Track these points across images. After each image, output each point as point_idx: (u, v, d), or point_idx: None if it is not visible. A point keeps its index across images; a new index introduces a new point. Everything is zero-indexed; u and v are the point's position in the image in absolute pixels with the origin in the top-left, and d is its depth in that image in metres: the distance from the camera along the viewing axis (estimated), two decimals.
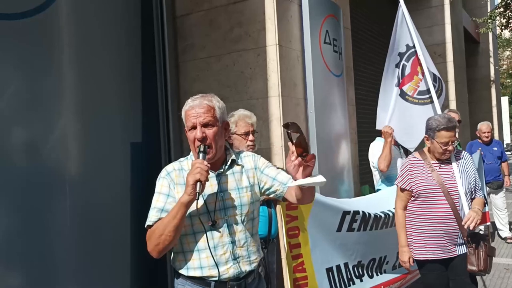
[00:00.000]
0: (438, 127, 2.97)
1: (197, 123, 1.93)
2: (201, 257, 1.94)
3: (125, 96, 3.58)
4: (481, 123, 6.61)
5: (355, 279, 3.39)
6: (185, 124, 1.99)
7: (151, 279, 3.67)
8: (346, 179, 4.40)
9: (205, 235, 1.92)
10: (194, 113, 1.94)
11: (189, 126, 1.95)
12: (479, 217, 2.88)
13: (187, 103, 2.00)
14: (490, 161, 6.27)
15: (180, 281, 2.02)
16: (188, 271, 1.96)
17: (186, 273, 1.97)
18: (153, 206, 1.94)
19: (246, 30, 3.77)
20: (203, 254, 1.94)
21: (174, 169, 2.00)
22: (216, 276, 1.93)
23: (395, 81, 4.40)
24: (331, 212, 3.20)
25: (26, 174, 2.87)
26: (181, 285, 2.01)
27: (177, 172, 1.99)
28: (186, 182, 1.82)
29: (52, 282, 2.98)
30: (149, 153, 3.72)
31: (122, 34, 3.60)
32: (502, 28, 12.10)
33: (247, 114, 2.98)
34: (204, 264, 1.94)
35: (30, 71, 2.93)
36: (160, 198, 1.94)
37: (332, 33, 4.23)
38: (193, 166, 1.82)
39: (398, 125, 4.33)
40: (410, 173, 3.08)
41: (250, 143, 2.90)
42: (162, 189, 1.96)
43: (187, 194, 1.81)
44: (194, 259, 1.95)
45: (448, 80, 8.40)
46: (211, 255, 1.92)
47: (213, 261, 1.92)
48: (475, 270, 2.94)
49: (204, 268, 1.94)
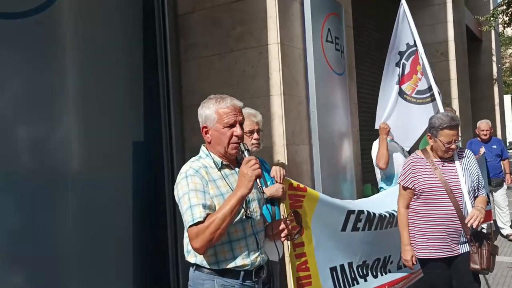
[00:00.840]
0: (441, 126, 2.96)
1: (237, 121, 2.06)
2: (234, 248, 2.03)
3: (127, 95, 3.59)
4: (480, 121, 6.61)
5: (359, 279, 3.37)
6: (216, 121, 2.05)
7: (153, 277, 3.68)
8: (348, 177, 4.40)
9: (240, 226, 2.03)
10: (235, 112, 2.06)
11: (228, 123, 2.04)
12: (482, 215, 2.88)
13: (222, 101, 2.07)
14: (489, 159, 6.27)
15: (206, 277, 2.03)
16: (219, 265, 2.01)
17: (218, 267, 2.01)
18: (195, 203, 1.93)
19: (248, 28, 3.76)
20: (236, 245, 2.03)
21: (200, 166, 2.04)
22: (249, 265, 2.04)
23: (396, 79, 4.40)
24: (335, 211, 3.19)
25: (28, 173, 2.88)
26: (208, 280, 2.02)
27: (205, 170, 2.03)
28: (245, 177, 1.91)
29: (54, 280, 2.99)
30: (151, 151, 3.73)
31: (124, 33, 3.61)
32: (504, 26, 12.07)
33: (252, 112, 3.00)
34: (237, 254, 2.03)
35: (32, 70, 2.94)
36: (198, 195, 1.95)
37: (334, 32, 4.22)
38: (249, 163, 1.93)
39: (395, 123, 4.34)
40: (413, 171, 3.07)
41: (254, 142, 2.91)
42: (197, 186, 1.97)
43: (247, 188, 1.91)
44: (226, 251, 2.02)
45: (451, 78, 8.38)
46: (245, 244, 2.04)
47: (246, 250, 2.04)
48: (478, 269, 2.94)
49: (238, 258, 2.02)
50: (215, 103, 2.06)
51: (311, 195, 3.00)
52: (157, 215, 3.73)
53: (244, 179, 1.91)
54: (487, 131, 6.40)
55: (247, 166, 1.92)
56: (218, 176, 2.05)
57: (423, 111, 4.34)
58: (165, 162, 3.79)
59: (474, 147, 6.21)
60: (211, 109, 2.06)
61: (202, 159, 2.09)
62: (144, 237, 3.58)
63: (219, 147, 2.07)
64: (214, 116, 2.05)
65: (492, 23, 11.09)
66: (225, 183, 2.05)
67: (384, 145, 4.17)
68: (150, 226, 3.67)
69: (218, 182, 2.03)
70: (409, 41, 4.31)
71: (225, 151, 2.06)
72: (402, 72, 4.35)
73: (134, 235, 3.48)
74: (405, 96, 4.37)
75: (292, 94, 3.76)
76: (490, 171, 6.28)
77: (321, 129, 3.94)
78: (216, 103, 2.06)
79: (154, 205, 3.72)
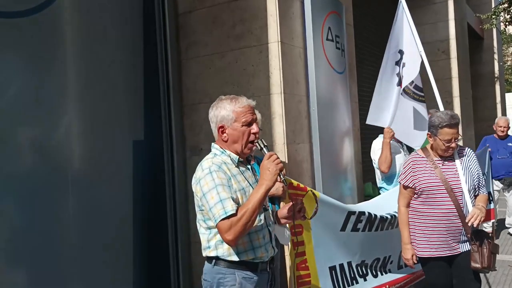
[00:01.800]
0: (441, 124, 2.96)
1: (254, 119, 2.17)
2: (253, 240, 2.12)
3: (127, 94, 3.59)
4: (499, 117, 6.57)
5: (358, 278, 3.38)
6: (233, 120, 2.14)
7: (154, 277, 3.68)
8: (349, 176, 4.39)
9: (258, 218, 2.10)
10: (251, 111, 2.17)
11: (246, 122, 2.14)
12: (483, 214, 2.87)
13: (237, 101, 2.16)
14: (502, 156, 6.21)
15: (226, 270, 2.11)
16: (239, 256, 2.09)
17: (237, 258, 2.09)
18: (225, 197, 2.00)
19: (248, 27, 3.76)
20: (254, 237, 2.12)
21: (221, 163, 2.11)
22: (266, 256, 2.15)
23: (396, 80, 4.36)
24: (335, 212, 3.20)
25: (27, 173, 2.88)
26: (230, 274, 2.10)
27: (226, 166, 2.11)
28: (268, 171, 2.00)
29: (54, 279, 2.99)
30: (151, 150, 3.73)
31: (124, 32, 3.60)
32: (506, 24, 12.02)
33: None
34: (256, 246, 2.13)
35: (31, 69, 2.94)
36: (225, 189, 2.02)
37: (334, 30, 4.21)
38: (271, 158, 2.03)
39: (402, 126, 4.31)
40: (413, 170, 3.07)
41: None
42: (222, 181, 2.04)
43: (271, 182, 2.01)
44: (246, 242, 2.10)
45: (452, 77, 8.36)
46: (262, 235, 2.15)
47: (263, 241, 2.15)
48: (479, 267, 2.94)
49: (257, 249, 2.13)
50: (231, 103, 2.15)
51: (311, 195, 3.01)
52: (157, 214, 3.74)
53: (268, 172, 2.01)
54: (505, 127, 6.33)
55: (270, 160, 2.02)
56: (236, 172, 2.14)
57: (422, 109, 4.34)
58: (165, 160, 3.79)
59: (488, 144, 6.03)
60: (227, 109, 2.14)
61: (218, 156, 2.16)
62: (144, 236, 3.58)
63: (237, 145, 2.15)
64: (231, 115, 2.13)
65: (494, 21, 11.05)
66: (243, 178, 2.15)
67: (387, 149, 4.14)
68: (150, 225, 3.67)
69: (237, 177, 2.12)
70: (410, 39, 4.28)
71: (242, 148, 2.15)
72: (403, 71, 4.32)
73: (134, 234, 3.49)
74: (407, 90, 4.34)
75: (292, 93, 3.75)
76: (504, 169, 6.19)
77: (321, 128, 3.93)
78: (232, 103, 2.15)
79: (154, 204, 3.73)
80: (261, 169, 2.04)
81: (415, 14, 4.29)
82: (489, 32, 13.13)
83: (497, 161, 6.10)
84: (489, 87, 13.71)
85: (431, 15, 8.49)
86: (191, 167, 3.81)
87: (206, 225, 2.12)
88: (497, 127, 6.41)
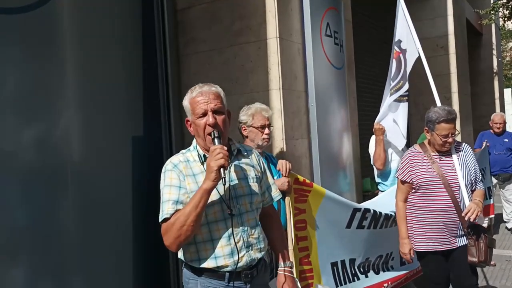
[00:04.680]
0: (438, 119, 2.98)
1: (208, 109, 1.92)
2: (216, 247, 1.92)
3: (126, 91, 3.59)
4: (495, 114, 6.60)
5: (360, 275, 3.39)
6: (191, 112, 1.97)
7: (153, 275, 3.69)
8: (348, 171, 4.41)
9: (222, 224, 1.93)
10: (205, 99, 1.93)
11: (199, 113, 1.93)
12: (480, 208, 2.90)
13: (193, 90, 1.98)
14: (499, 151, 6.23)
15: (190, 275, 1.99)
16: (200, 263, 1.93)
17: (198, 265, 1.94)
18: (167, 199, 1.89)
19: (247, 23, 3.77)
20: (217, 244, 1.92)
21: (180, 161, 1.97)
22: (231, 265, 1.92)
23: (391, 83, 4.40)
24: (341, 209, 3.20)
25: (25, 170, 2.88)
26: (193, 279, 1.97)
27: (184, 164, 1.96)
28: (208, 168, 1.80)
29: (53, 276, 3.01)
30: (150, 146, 3.73)
31: (123, 28, 3.60)
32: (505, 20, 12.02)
33: (264, 107, 3.05)
34: (219, 254, 1.92)
35: (30, 65, 2.94)
36: (172, 190, 1.89)
37: (333, 26, 4.22)
38: (213, 152, 1.81)
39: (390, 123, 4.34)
40: (411, 165, 3.09)
41: (265, 136, 2.96)
42: (172, 181, 1.91)
43: (210, 181, 1.80)
44: (208, 249, 1.92)
45: (451, 73, 8.36)
46: (228, 243, 1.92)
47: (229, 250, 1.92)
48: (476, 262, 2.96)
49: (219, 258, 1.92)
50: (189, 93, 1.99)
51: (317, 191, 3.02)
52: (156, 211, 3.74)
53: (208, 171, 1.81)
54: (501, 124, 6.35)
55: (211, 156, 1.81)
56: (199, 170, 1.95)
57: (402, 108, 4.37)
58: (164, 156, 3.79)
59: (485, 139, 6.07)
60: (186, 100, 1.99)
61: (190, 152, 2.02)
62: (143, 233, 3.59)
63: (199, 139, 1.99)
64: (189, 107, 1.97)
65: (493, 16, 11.04)
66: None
67: (380, 146, 4.19)
68: (149, 224, 3.67)
69: (198, 177, 1.93)
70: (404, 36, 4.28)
71: (205, 142, 1.96)
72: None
73: (133, 233, 3.50)
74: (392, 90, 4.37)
75: (291, 89, 3.77)
76: (499, 165, 6.22)
77: (320, 123, 3.95)
78: (190, 92, 1.99)
79: (153, 202, 3.72)
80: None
81: (414, 10, 4.30)
82: (487, 27, 13.12)
83: (494, 157, 6.13)
84: (487, 83, 13.70)
85: (429, 11, 8.47)
86: None
87: None
88: (493, 123, 6.42)
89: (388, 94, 4.34)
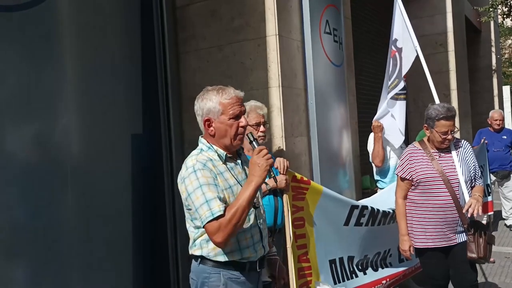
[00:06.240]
0: (438, 116, 2.98)
1: (242, 111, 2.05)
2: (240, 240, 2.01)
3: (125, 88, 3.59)
4: (493, 111, 6.58)
5: (358, 272, 3.39)
6: (219, 113, 2.01)
7: (152, 273, 3.69)
8: (347, 169, 4.41)
9: (248, 217, 2.02)
10: (239, 102, 2.03)
11: (234, 114, 2.01)
12: (480, 204, 2.91)
13: (222, 92, 2.03)
14: (497, 148, 6.22)
15: (212, 270, 2.02)
16: (226, 256, 1.99)
17: (224, 259, 1.99)
18: (211, 197, 1.89)
19: (246, 20, 3.76)
20: (243, 236, 2.02)
21: (206, 160, 1.99)
22: (254, 256, 2.05)
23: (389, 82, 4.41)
24: (338, 206, 3.20)
25: (24, 168, 2.88)
26: (215, 273, 2.01)
27: (212, 163, 1.99)
28: (260, 167, 1.91)
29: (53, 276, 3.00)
30: (150, 144, 3.73)
31: (122, 25, 3.60)
32: (504, 17, 12.02)
33: (259, 105, 3.04)
34: (243, 246, 2.02)
35: (29, 63, 2.94)
36: (211, 188, 1.91)
37: (332, 23, 4.21)
38: (261, 152, 1.93)
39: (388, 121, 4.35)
40: (410, 162, 3.09)
41: (261, 134, 2.96)
42: (208, 180, 1.93)
43: (261, 178, 1.91)
44: (233, 243, 1.99)
45: (450, 70, 8.37)
46: (251, 235, 2.05)
47: (252, 241, 2.05)
48: (475, 258, 2.97)
49: (244, 249, 2.02)
50: (217, 95, 2.01)
51: (315, 189, 3.02)
52: (156, 208, 3.75)
53: (258, 168, 1.91)
54: (500, 121, 6.33)
55: (259, 156, 1.92)
56: (224, 169, 2.01)
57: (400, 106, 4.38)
58: (164, 155, 3.79)
59: (483, 136, 6.09)
60: (213, 101, 2.01)
61: (205, 152, 2.04)
62: (142, 230, 3.59)
63: (225, 139, 2.03)
64: (218, 108, 2.00)
65: (492, 14, 11.04)
66: (231, 175, 2.02)
67: (379, 143, 4.21)
68: (149, 221, 3.68)
69: (225, 175, 2.00)
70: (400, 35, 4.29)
71: (231, 143, 2.03)
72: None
73: (133, 228, 3.50)
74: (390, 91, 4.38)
75: (290, 86, 3.77)
76: (498, 162, 6.22)
77: (319, 121, 3.95)
78: (218, 94, 2.01)
79: (153, 199, 3.74)
80: (250, 165, 1.94)
81: (413, 7, 4.31)
82: (486, 25, 13.13)
83: (492, 154, 6.13)
84: (486, 80, 13.72)
85: (428, 8, 8.47)
86: None
87: (193, 224, 2.03)
88: (492, 120, 6.41)
89: (386, 92, 4.35)
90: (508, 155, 6.35)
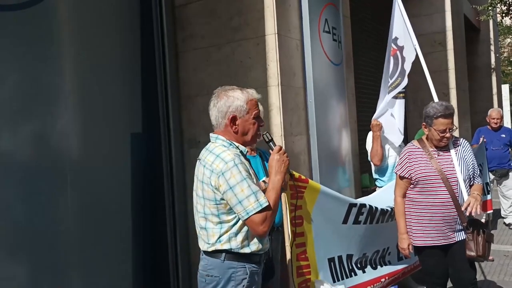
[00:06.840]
0: (436, 115, 2.99)
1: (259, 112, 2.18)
2: None
3: (125, 87, 3.59)
4: (492, 109, 6.58)
5: (357, 270, 3.39)
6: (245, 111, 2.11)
7: (152, 272, 3.70)
8: (346, 168, 4.42)
9: None
10: (257, 104, 2.16)
11: (256, 114, 2.14)
12: (479, 202, 2.91)
13: (251, 93, 2.15)
14: (496, 147, 6.22)
15: (237, 264, 2.08)
16: (250, 248, 2.09)
17: (249, 250, 2.08)
18: (256, 189, 2.01)
19: (245, 19, 3.76)
20: None
21: (239, 155, 2.09)
22: (267, 247, 2.18)
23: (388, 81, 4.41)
24: (337, 204, 3.20)
25: (24, 168, 2.88)
26: (241, 267, 2.08)
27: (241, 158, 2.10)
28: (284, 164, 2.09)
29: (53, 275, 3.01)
30: (149, 143, 3.74)
31: (121, 25, 3.60)
32: (502, 15, 12.02)
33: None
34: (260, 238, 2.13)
35: (28, 62, 2.94)
36: (250, 182, 2.02)
37: (331, 22, 4.21)
38: (282, 151, 2.12)
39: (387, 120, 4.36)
40: (409, 161, 3.10)
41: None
42: (247, 174, 2.03)
43: (283, 174, 2.10)
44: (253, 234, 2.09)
45: (449, 68, 8.37)
46: None
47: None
48: (474, 256, 2.98)
49: (262, 240, 2.13)
50: (243, 94, 2.11)
51: (313, 187, 3.02)
52: (155, 207, 3.75)
53: (282, 165, 2.08)
54: (498, 119, 6.33)
55: (280, 153, 2.10)
56: (248, 165, 2.15)
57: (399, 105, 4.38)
58: (163, 153, 3.80)
59: (482, 135, 6.09)
60: (241, 99, 2.10)
61: (231, 148, 2.11)
62: (142, 228, 3.60)
63: (246, 137, 2.14)
64: (245, 107, 2.10)
65: (490, 12, 11.05)
66: (252, 171, 2.14)
67: (377, 142, 4.21)
68: (148, 220, 3.68)
69: (250, 170, 2.13)
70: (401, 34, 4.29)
71: (250, 140, 2.15)
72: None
73: (133, 227, 3.50)
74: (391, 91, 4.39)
75: (289, 85, 3.77)
76: (496, 160, 6.21)
77: (318, 120, 3.95)
78: (244, 94, 2.12)
79: (152, 197, 3.74)
80: (273, 162, 2.07)
81: (412, 6, 4.31)
82: (485, 23, 13.13)
83: (491, 153, 6.13)
84: (485, 79, 13.72)
85: (427, 7, 8.47)
86: (189, 159, 3.83)
87: (218, 219, 2.04)
88: (490, 119, 6.41)
89: (386, 91, 4.35)
90: (507, 153, 6.36)
